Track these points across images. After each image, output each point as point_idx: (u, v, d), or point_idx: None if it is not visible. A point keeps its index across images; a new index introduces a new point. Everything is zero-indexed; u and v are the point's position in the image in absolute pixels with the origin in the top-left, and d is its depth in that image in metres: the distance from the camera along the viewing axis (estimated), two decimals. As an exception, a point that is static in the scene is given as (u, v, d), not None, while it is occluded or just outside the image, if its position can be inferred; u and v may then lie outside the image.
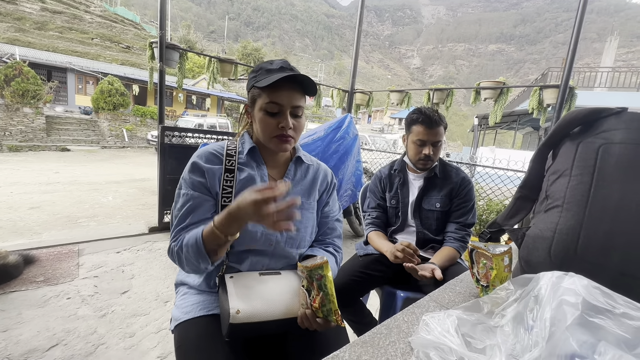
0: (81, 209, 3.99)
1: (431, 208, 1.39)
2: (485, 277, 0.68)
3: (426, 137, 1.31)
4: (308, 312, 0.71)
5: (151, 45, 2.90)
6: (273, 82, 0.75)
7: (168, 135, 3.00)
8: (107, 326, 1.64)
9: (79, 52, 20.19)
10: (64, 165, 7.56)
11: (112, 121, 13.40)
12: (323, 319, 0.70)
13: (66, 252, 2.44)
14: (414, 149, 1.36)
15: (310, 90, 0.83)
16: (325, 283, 0.67)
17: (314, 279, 0.69)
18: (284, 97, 0.79)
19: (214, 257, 0.72)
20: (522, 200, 0.81)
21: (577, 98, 2.75)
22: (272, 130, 0.81)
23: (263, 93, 0.80)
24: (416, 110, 1.36)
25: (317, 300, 0.69)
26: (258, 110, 0.82)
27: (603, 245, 0.60)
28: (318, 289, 0.69)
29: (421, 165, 1.37)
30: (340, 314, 0.68)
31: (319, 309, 0.69)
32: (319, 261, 0.70)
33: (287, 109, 0.80)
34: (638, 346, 0.40)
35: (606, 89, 9.87)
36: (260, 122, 0.81)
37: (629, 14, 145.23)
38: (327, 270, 0.68)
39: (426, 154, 1.33)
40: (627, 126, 0.66)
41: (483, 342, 0.51)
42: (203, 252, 0.70)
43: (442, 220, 1.40)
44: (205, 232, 0.70)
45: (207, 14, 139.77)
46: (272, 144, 0.83)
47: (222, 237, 0.68)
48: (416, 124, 1.34)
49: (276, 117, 0.80)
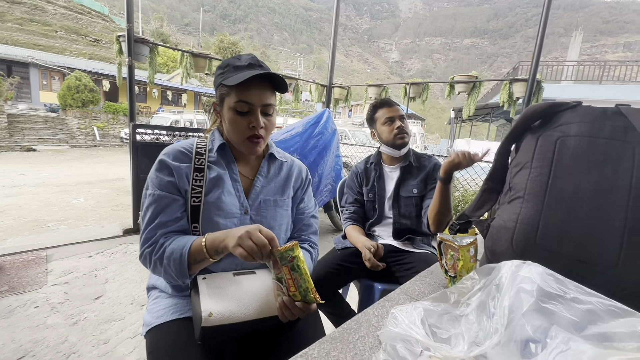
0: (50, 212, 3.79)
1: (409, 195, 1.42)
2: (452, 268, 0.70)
3: (391, 113, 1.43)
4: (285, 299, 0.69)
5: (118, 39, 2.76)
6: (242, 80, 0.74)
7: (140, 133, 2.89)
8: (79, 334, 1.58)
9: (42, 46, 18.99)
10: (30, 166, 7.13)
11: (81, 119, 12.76)
12: (302, 302, 0.69)
13: (33, 258, 2.31)
14: (386, 129, 1.42)
15: (280, 87, 0.81)
16: (298, 264, 0.66)
17: (286, 261, 0.68)
18: (254, 95, 0.78)
19: (191, 272, 0.73)
20: (488, 192, 0.84)
21: (544, 91, 2.88)
22: (243, 131, 0.79)
23: (232, 91, 0.78)
24: (371, 104, 1.51)
25: (291, 284, 0.68)
26: (227, 109, 0.80)
27: (559, 233, 0.64)
28: (291, 270, 0.67)
29: (400, 140, 1.40)
30: (316, 291, 0.68)
31: (296, 292, 0.68)
32: (289, 244, 0.69)
33: (257, 108, 0.79)
34: (585, 328, 0.43)
35: (572, 82, 10.38)
36: (231, 123, 0.80)
37: (593, 9, 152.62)
38: (298, 250, 0.67)
39: (399, 127, 1.40)
40: (581, 119, 0.70)
41: (448, 332, 0.53)
42: (185, 269, 0.71)
43: (420, 207, 1.43)
44: (194, 246, 0.71)
45: (180, 5, 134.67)
46: (243, 147, 0.82)
47: (208, 258, 0.70)
48: (378, 110, 1.46)
49: (246, 116, 0.79)
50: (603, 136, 0.66)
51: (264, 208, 0.87)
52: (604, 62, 10.25)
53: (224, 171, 0.84)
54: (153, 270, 0.77)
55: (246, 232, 0.64)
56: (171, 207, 0.77)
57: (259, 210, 0.86)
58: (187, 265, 0.71)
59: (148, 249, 0.75)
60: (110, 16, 31.24)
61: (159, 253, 0.73)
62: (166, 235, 0.76)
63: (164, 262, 0.72)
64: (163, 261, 0.72)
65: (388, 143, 1.43)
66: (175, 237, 0.76)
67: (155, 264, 0.74)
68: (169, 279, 0.77)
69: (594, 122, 0.68)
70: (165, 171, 0.79)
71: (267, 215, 0.87)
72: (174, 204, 0.78)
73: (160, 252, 0.73)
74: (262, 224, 0.85)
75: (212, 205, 0.79)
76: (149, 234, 0.76)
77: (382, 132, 1.44)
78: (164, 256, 0.72)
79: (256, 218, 0.85)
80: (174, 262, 0.71)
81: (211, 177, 0.81)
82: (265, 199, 0.87)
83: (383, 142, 1.46)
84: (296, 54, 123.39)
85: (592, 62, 10.62)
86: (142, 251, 0.76)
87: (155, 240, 0.75)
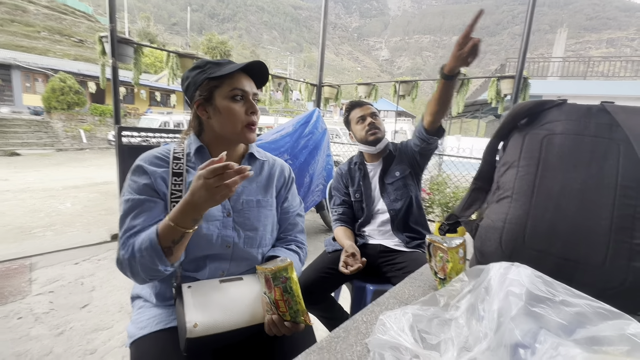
0: (35, 218, 3.69)
1: (394, 179, 1.43)
2: (442, 270, 0.69)
3: (362, 112, 1.45)
4: (275, 317, 0.69)
5: (101, 40, 2.70)
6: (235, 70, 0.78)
7: (127, 135, 2.82)
8: (64, 344, 1.53)
9: (25, 47, 18.49)
10: (14, 171, 6.94)
11: (67, 121, 12.47)
12: (291, 322, 0.69)
13: (16, 267, 2.24)
14: (359, 127, 1.45)
15: (262, 82, 0.87)
16: (291, 285, 0.66)
17: (279, 281, 0.67)
18: (246, 84, 0.81)
19: (171, 257, 0.67)
20: (476, 191, 0.83)
21: (530, 87, 2.91)
22: (242, 118, 0.80)
23: (224, 82, 0.79)
24: (345, 106, 1.55)
25: (282, 305, 0.67)
26: (222, 99, 0.79)
27: (547, 232, 0.63)
28: (283, 292, 0.67)
29: (372, 136, 1.41)
30: (307, 313, 0.67)
31: (286, 312, 0.67)
32: (282, 264, 0.68)
33: (250, 95, 0.81)
34: (574, 331, 0.42)
35: (558, 78, 10.57)
36: (227, 111, 0.79)
37: (577, 6, 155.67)
38: (292, 271, 0.67)
39: (370, 123, 1.42)
40: (567, 117, 0.70)
41: (438, 337, 0.52)
42: (160, 252, 0.65)
43: (405, 188, 1.41)
44: (160, 228, 0.66)
45: (167, 4, 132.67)
46: (241, 135, 0.81)
47: (180, 229, 0.64)
48: (350, 111, 1.50)
49: (243, 103, 0.81)
50: (588, 134, 0.66)
51: (247, 209, 0.85)
52: (588, 58, 10.45)
53: None
54: (132, 274, 0.70)
55: (204, 182, 0.59)
56: (151, 210, 0.74)
57: (241, 211, 0.84)
58: (159, 245, 0.65)
59: (124, 251, 0.69)
60: (95, 16, 30.62)
61: (129, 251, 0.68)
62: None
63: (137, 257, 0.66)
64: (135, 255, 0.67)
65: (362, 141, 1.45)
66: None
67: (130, 264, 0.68)
68: (148, 273, 0.68)
69: (580, 120, 0.67)
70: (142, 175, 0.76)
71: (250, 216, 0.85)
72: (155, 208, 0.74)
73: (130, 250, 0.68)
74: (246, 225, 0.84)
75: None
76: (128, 239, 0.70)
77: (356, 131, 1.47)
78: (134, 250, 0.67)
79: (239, 220, 0.83)
80: (145, 249, 0.65)
81: (190, 181, 0.79)
82: (247, 200, 0.85)
83: (358, 141, 1.48)
84: (286, 53, 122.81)
85: (577, 58, 10.85)
86: (118, 256, 0.70)
87: (132, 242, 0.69)
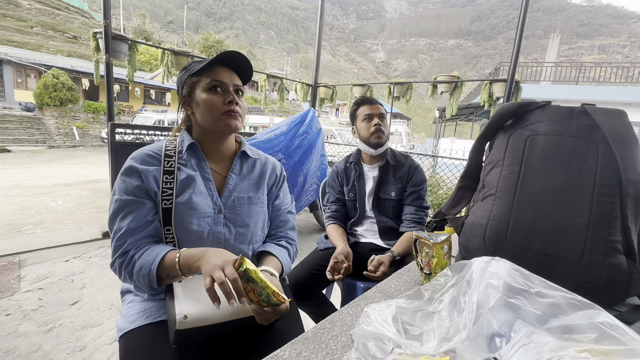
0: (25, 215, 3.64)
1: (387, 197, 1.43)
2: (427, 265, 0.71)
3: (371, 110, 1.43)
4: (253, 307, 0.70)
5: (95, 36, 2.68)
6: (210, 64, 0.79)
7: (120, 133, 2.81)
8: (53, 341, 1.52)
9: (17, 42, 18.23)
10: (4, 167, 6.84)
11: (59, 118, 12.32)
12: (269, 306, 0.70)
13: (4, 264, 2.21)
14: (364, 126, 1.43)
15: (246, 76, 0.87)
16: (250, 275, 0.66)
17: (240, 278, 0.68)
18: (224, 76, 0.82)
19: (162, 283, 0.73)
20: (463, 189, 0.85)
21: (522, 91, 2.96)
22: (219, 107, 0.80)
23: (202, 77, 0.81)
24: (355, 100, 1.51)
25: (252, 295, 0.68)
26: (201, 92, 0.81)
27: (528, 229, 0.65)
28: (248, 282, 0.68)
29: (375, 139, 1.40)
30: (279, 293, 0.68)
31: (259, 300, 0.68)
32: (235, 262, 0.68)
33: (230, 87, 0.82)
34: (547, 321, 0.44)
35: (550, 82, 10.72)
36: (205, 103, 0.80)
37: (570, 13, 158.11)
38: (245, 263, 0.67)
39: (376, 124, 1.40)
40: (550, 118, 0.72)
41: (420, 328, 0.54)
42: (154, 280, 0.70)
43: (397, 209, 1.45)
44: (166, 261, 0.70)
45: (163, 2, 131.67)
46: (221, 124, 0.82)
47: (180, 275, 0.70)
48: (360, 107, 1.47)
49: (221, 95, 0.81)
50: (570, 134, 0.68)
51: (238, 205, 0.86)
52: (580, 64, 10.64)
53: (194, 172, 0.83)
54: (124, 281, 0.78)
55: (223, 262, 0.64)
56: (140, 211, 0.75)
57: (232, 208, 0.85)
58: (156, 280, 0.70)
59: (119, 259, 0.74)
60: (90, 12, 30.29)
61: (129, 267, 0.73)
62: (137, 244, 0.75)
63: (134, 277, 0.72)
64: (133, 276, 0.72)
65: (364, 140, 1.44)
66: (146, 248, 0.74)
67: (125, 277, 0.75)
68: (138, 290, 0.78)
69: (562, 121, 0.70)
70: (133, 175, 0.77)
71: (241, 213, 0.86)
72: (143, 208, 0.76)
73: (130, 266, 0.73)
74: (237, 221, 0.85)
75: (183, 206, 0.78)
76: (118, 241, 0.75)
77: (360, 128, 1.45)
78: (133, 271, 0.72)
79: (230, 216, 0.84)
80: (143, 277, 0.71)
81: (182, 179, 0.80)
82: (239, 197, 0.86)
83: (361, 139, 1.47)
84: (283, 53, 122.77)
85: (570, 63, 11.02)
86: (114, 260, 0.75)
87: (125, 249, 0.74)
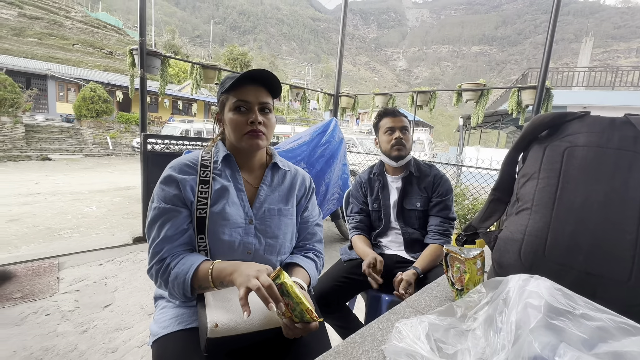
0: (63, 220, 3.88)
1: (412, 208, 1.41)
2: (459, 280, 0.69)
3: (393, 123, 1.42)
4: (285, 320, 0.71)
5: (131, 52, 2.86)
6: (237, 81, 0.81)
7: (151, 142, 2.95)
8: (88, 342, 1.60)
9: (60, 59, 19.71)
10: (45, 175, 7.34)
11: (95, 129, 13.12)
12: (301, 323, 0.70)
13: (46, 266, 2.36)
14: (386, 138, 1.43)
15: (275, 90, 0.88)
16: (287, 289, 0.67)
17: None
18: (250, 94, 0.83)
19: (194, 292, 0.76)
20: (495, 202, 0.83)
21: (553, 98, 2.84)
22: (242, 127, 0.83)
23: (230, 95, 0.84)
24: (379, 111, 1.51)
25: (286, 309, 0.69)
26: (227, 111, 0.85)
27: (568, 245, 0.62)
28: (282, 296, 0.68)
29: (396, 152, 1.39)
30: (313, 311, 0.68)
31: (292, 316, 0.69)
32: (274, 271, 0.69)
33: (254, 106, 0.84)
34: (595, 346, 0.41)
35: (583, 88, 10.21)
36: (231, 122, 0.84)
37: (603, 15, 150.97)
38: (283, 276, 0.68)
39: (397, 138, 1.39)
40: (589, 129, 0.69)
41: (454, 347, 0.52)
42: (188, 289, 0.73)
43: (423, 220, 1.42)
44: (200, 273, 0.73)
45: (192, 18, 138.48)
46: (243, 142, 0.84)
47: (213, 287, 0.72)
48: (382, 118, 1.46)
49: (245, 114, 0.83)
50: (612, 146, 0.65)
51: (268, 217, 0.88)
52: (616, 68, 10.08)
53: (228, 182, 0.85)
54: (159, 287, 0.81)
55: (257, 271, 0.66)
56: (176, 219, 0.79)
57: (263, 219, 0.87)
58: (190, 289, 0.73)
59: (156, 266, 0.77)
60: (124, 29, 32.34)
61: (165, 275, 0.76)
62: (173, 252, 0.78)
63: (169, 285, 0.76)
64: (168, 284, 0.76)
65: (385, 153, 1.44)
66: (182, 256, 0.77)
67: (160, 284, 0.78)
68: (173, 298, 0.82)
69: (603, 132, 0.66)
70: (171, 184, 0.81)
71: (271, 224, 0.87)
72: (179, 216, 0.79)
73: (166, 274, 0.76)
74: (267, 233, 0.86)
75: (217, 216, 0.81)
76: (156, 248, 0.78)
77: (382, 141, 1.45)
78: (169, 280, 0.76)
79: (261, 227, 0.86)
80: (177, 286, 0.74)
81: (216, 189, 0.83)
82: (269, 208, 0.88)
83: (382, 151, 1.46)
84: (304, 64, 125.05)
85: (604, 67, 10.46)
86: (151, 266, 0.78)
87: (162, 257, 0.77)
